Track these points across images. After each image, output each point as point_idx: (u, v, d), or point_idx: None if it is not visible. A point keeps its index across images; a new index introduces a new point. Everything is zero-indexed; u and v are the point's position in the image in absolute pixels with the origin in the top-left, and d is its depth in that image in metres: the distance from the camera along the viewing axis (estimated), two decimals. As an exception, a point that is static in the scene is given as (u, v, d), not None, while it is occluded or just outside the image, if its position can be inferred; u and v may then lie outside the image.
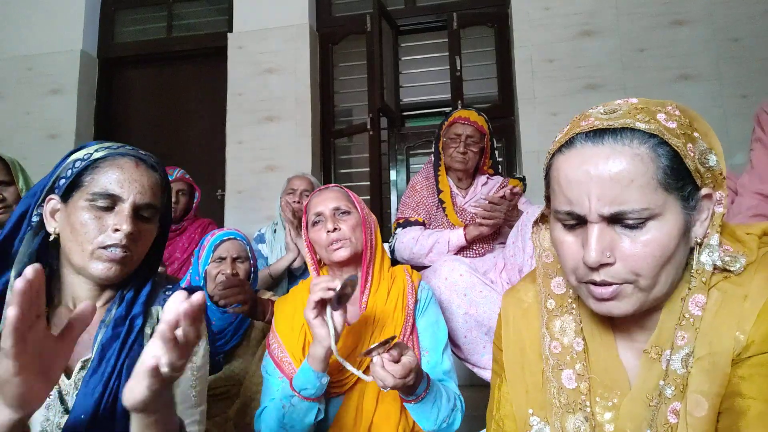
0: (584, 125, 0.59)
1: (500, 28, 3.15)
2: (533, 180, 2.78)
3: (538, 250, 0.73)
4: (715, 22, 2.67)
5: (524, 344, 0.72)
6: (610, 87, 2.75)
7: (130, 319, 0.81)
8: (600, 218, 0.56)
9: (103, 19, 3.65)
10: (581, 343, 0.66)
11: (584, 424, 0.63)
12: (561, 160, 0.60)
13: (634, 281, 0.57)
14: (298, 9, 3.22)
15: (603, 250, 0.56)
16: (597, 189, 0.56)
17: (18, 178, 1.74)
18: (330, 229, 1.15)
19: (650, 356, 0.61)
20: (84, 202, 0.78)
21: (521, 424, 0.69)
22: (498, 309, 1.45)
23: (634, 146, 0.55)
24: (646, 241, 0.55)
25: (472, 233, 1.70)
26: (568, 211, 0.59)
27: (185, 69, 3.57)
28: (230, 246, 1.57)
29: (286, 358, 1.11)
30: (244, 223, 2.99)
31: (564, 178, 0.59)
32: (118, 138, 3.50)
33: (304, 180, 2.15)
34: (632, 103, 0.60)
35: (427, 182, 1.93)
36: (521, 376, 0.70)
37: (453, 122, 1.89)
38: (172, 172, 2.25)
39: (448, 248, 1.73)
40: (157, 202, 0.84)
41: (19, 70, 3.44)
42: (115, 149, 0.82)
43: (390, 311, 1.15)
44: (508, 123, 3.09)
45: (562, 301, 0.69)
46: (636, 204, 0.55)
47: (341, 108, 3.46)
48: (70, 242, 0.78)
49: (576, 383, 0.65)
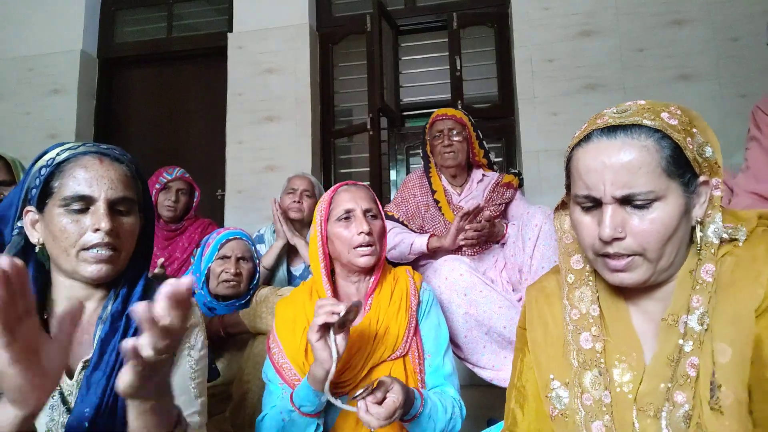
0: (600, 123, 0.70)
1: (500, 28, 3.15)
2: (533, 180, 2.79)
3: (559, 233, 0.84)
4: (714, 22, 2.68)
5: (547, 321, 0.82)
6: (610, 87, 2.75)
7: (127, 315, 0.81)
8: (613, 200, 0.67)
9: (103, 19, 3.65)
10: (597, 309, 0.76)
11: (599, 379, 0.72)
12: (580, 153, 0.71)
13: (642, 253, 0.67)
14: (298, 9, 3.22)
15: (616, 227, 0.67)
16: (611, 175, 0.66)
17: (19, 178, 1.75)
18: (365, 230, 1.11)
19: (667, 323, 0.69)
20: (59, 209, 0.78)
21: (542, 387, 0.78)
22: (497, 308, 1.46)
23: (642, 139, 0.66)
24: (652, 219, 0.66)
25: (433, 244, 1.72)
26: (586, 195, 0.70)
27: (185, 69, 3.57)
28: (235, 245, 1.58)
29: (287, 364, 1.10)
30: (244, 223, 2.99)
31: (583, 166, 0.70)
32: (118, 138, 3.51)
33: (305, 180, 2.15)
34: (641, 104, 0.70)
35: (420, 182, 1.94)
36: (544, 348, 0.80)
37: (433, 122, 1.96)
38: (172, 172, 2.25)
39: (410, 251, 1.75)
40: (130, 193, 0.83)
41: (20, 71, 3.44)
42: (75, 149, 0.82)
43: (394, 313, 1.14)
44: (508, 123, 3.09)
45: (580, 275, 0.80)
46: (643, 187, 0.65)
47: (341, 108, 3.46)
48: (55, 249, 0.79)
49: (592, 344, 0.74)
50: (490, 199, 1.88)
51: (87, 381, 0.76)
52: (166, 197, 2.21)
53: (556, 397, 0.76)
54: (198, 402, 0.86)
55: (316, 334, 0.94)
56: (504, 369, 1.48)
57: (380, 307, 1.14)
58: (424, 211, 1.90)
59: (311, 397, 0.98)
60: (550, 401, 0.76)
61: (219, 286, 1.54)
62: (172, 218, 2.24)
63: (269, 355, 1.14)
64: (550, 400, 0.76)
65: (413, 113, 3.84)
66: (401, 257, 1.77)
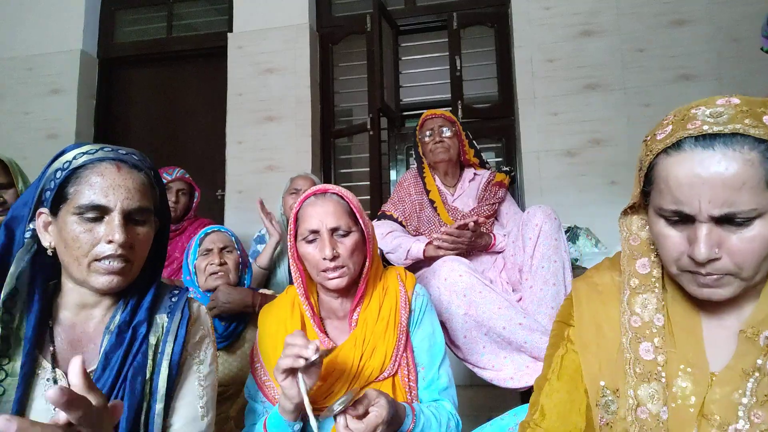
0: (692, 128, 0.62)
1: (500, 28, 3.15)
2: (533, 180, 2.79)
3: (624, 233, 0.79)
4: (715, 22, 2.67)
5: (600, 322, 0.77)
6: (611, 87, 2.75)
7: (134, 327, 0.80)
8: (710, 218, 0.61)
9: (103, 19, 3.65)
10: (661, 319, 0.71)
11: (658, 393, 0.68)
12: (669, 162, 0.63)
13: (736, 273, 0.62)
14: (298, 9, 3.22)
15: (712, 247, 0.61)
16: (708, 192, 0.59)
17: (17, 180, 1.74)
18: (328, 255, 1.00)
19: (746, 335, 0.65)
20: (72, 216, 0.76)
21: (593, 394, 0.74)
22: (497, 309, 1.46)
23: (745, 152, 0.59)
24: (751, 237, 0.60)
25: (430, 252, 1.71)
26: (676, 210, 0.63)
27: (185, 69, 3.57)
28: (215, 237, 1.58)
29: (269, 382, 1.05)
30: (244, 223, 2.99)
31: (674, 180, 0.62)
32: (118, 138, 3.51)
33: (308, 180, 2.15)
34: (735, 104, 0.62)
35: (415, 180, 1.95)
36: (595, 351, 0.75)
37: (423, 122, 1.98)
38: (172, 172, 2.25)
39: (406, 257, 1.75)
40: (147, 203, 0.81)
41: (19, 71, 3.44)
42: (93, 153, 0.79)
43: (381, 331, 1.05)
44: (508, 123, 3.09)
45: (646, 281, 0.74)
46: (745, 206, 0.59)
47: (341, 108, 3.46)
48: (66, 257, 0.77)
49: (653, 355, 0.69)
50: (483, 198, 1.88)
51: None
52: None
53: (604, 405, 0.72)
54: (204, 422, 0.84)
55: (282, 374, 0.86)
56: (504, 369, 1.48)
57: (367, 325, 1.05)
58: (419, 210, 1.90)
59: (284, 427, 0.93)
60: (600, 410, 0.72)
61: (207, 280, 1.54)
62: (172, 218, 2.24)
63: (252, 371, 1.08)
64: (599, 409, 0.72)
65: (413, 113, 3.84)
66: (398, 262, 1.77)
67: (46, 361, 0.77)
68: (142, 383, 0.77)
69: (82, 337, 0.81)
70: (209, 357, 0.88)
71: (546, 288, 1.52)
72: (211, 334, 0.91)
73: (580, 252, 2.30)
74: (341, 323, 1.10)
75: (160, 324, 0.83)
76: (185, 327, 0.84)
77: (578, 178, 2.73)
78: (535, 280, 1.54)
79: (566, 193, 2.72)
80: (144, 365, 0.78)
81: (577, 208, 2.63)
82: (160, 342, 0.81)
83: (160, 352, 0.81)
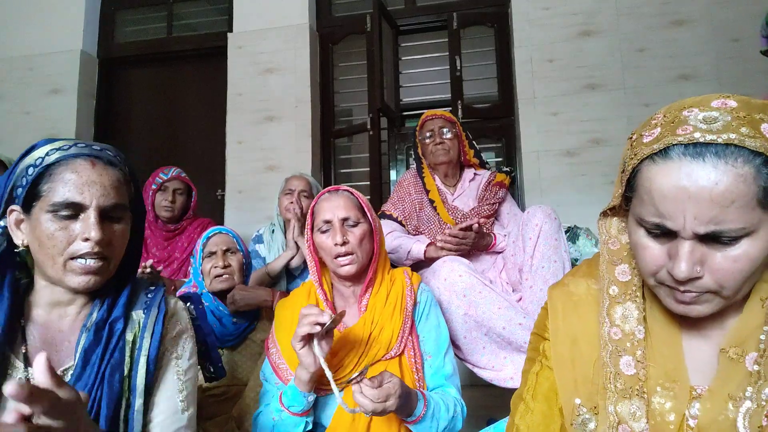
0: (681, 134, 0.56)
1: (500, 28, 3.15)
2: (533, 180, 2.79)
3: (604, 236, 0.74)
4: (714, 22, 2.68)
5: (576, 336, 0.72)
6: (610, 87, 2.75)
7: (111, 323, 0.79)
8: (694, 236, 0.56)
9: (103, 19, 3.65)
10: (642, 330, 0.67)
11: (640, 410, 0.64)
12: (654, 171, 0.58)
13: (717, 291, 0.58)
14: (298, 9, 3.22)
15: (694, 266, 0.57)
16: (694, 208, 0.55)
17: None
18: (339, 241, 1.15)
19: (728, 356, 0.61)
20: (46, 214, 0.74)
21: (568, 413, 0.70)
22: (497, 309, 1.46)
23: (738, 166, 0.53)
24: (736, 256, 0.55)
25: (431, 253, 1.71)
26: (657, 224, 0.58)
27: (185, 69, 3.57)
28: (218, 240, 1.59)
29: (283, 365, 1.13)
30: (244, 223, 2.99)
31: (657, 191, 0.57)
32: (118, 138, 3.51)
33: (302, 180, 2.14)
34: (732, 107, 0.56)
35: (415, 180, 1.95)
36: (570, 368, 0.71)
37: (423, 123, 1.98)
38: (168, 172, 2.24)
39: (407, 257, 1.75)
40: (122, 199, 0.80)
41: (20, 70, 3.44)
42: (66, 149, 0.77)
43: (389, 313, 1.16)
44: (508, 123, 3.09)
45: (626, 289, 0.69)
46: (734, 224, 0.54)
47: (341, 108, 3.46)
48: (41, 255, 0.75)
49: (635, 370, 0.65)
50: (483, 198, 1.88)
51: None
52: (163, 197, 2.21)
53: (581, 424, 0.68)
54: (185, 416, 0.83)
55: (300, 342, 0.97)
56: (504, 369, 1.48)
57: (375, 308, 1.17)
58: (419, 210, 1.90)
59: (299, 398, 1.02)
60: (576, 429, 0.69)
61: (212, 283, 1.54)
62: (170, 218, 2.24)
63: (267, 355, 1.17)
64: (575, 428, 0.69)
65: (413, 113, 3.84)
66: (398, 262, 1.77)
67: (18, 361, 0.75)
68: (120, 380, 0.77)
69: (57, 335, 0.80)
70: (188, 351, 0.87)
71: (546, 288, 1.52)
72: (189, 329, 0.90)
73: (580, 252, 2.30)
74: (351, 309, 1.21)
75: (137, 320, 0.83)
76: (161, 323, 0.84)
77: (578, 178, 2.73)
78: (535, 280, 1.54)
79: (566, 193, 2.72)
80: (122, 362, 0.78)
81: (577, 208, 2.63)
82: (137, 338, 0.81)
83: (138, 348, 0.80)
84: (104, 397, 0.75)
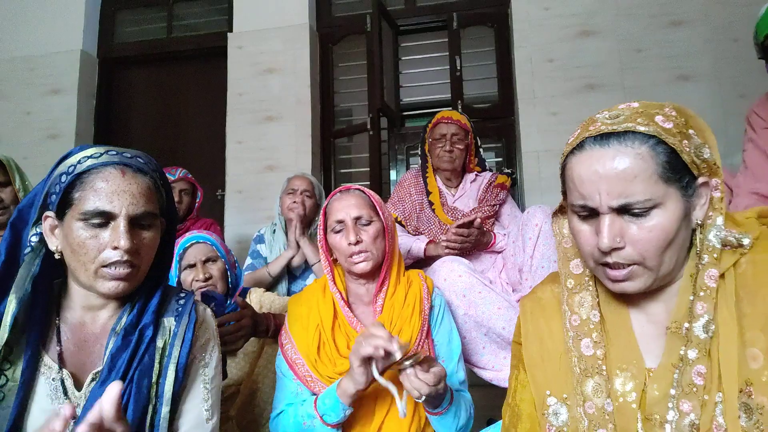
0: (592, 130, 0.68)
1: (500, 28, 3.15)
2: (533, 180, 2.79)
3: (558, 237, 0.83)
4: (713, 23, 2.68)
5: (543, 335, 0.79)
6: (609, 87, 2.75)
7: (140, 329, 0.80)
8: (610, 209, 0.65)
9: (103, 19, 3.65)
10: (597, 314, 0.75)
11: (601, 386, 0.71)
12: (573, 162, 0.69)
13: (641, 262, 0.66)
14: (298, 9, 3.22)
15: (614, 237, 0.65)
16: (605, 185, 0.65)
17: (14, 179, 1.74)
18: (352, 241, 1.14)
19: (671, 330, 0.68)
20: (78, 222, 0.76)
21: (539, 405, 0.76)
22: (496, 309, 1.46)
23: (636, 146, 0.64)
24: (650, 227, 0.64)
25: (431, 251, 1.72)
26: (582, 205, 0.68)
27: (185, 69, 3.57)
28: (195, 251, 1.48)
29: (299, 360, 1.12)
30: (244, 223, 3.00)
31: (577, 176, 0.68)
32: (118, 138, 3.51)
33: (304, 180, 2.15)
34: (633, 107, 0.68)
35: (415, 180, 1.95)
36: (540, 363, 0.78)
37: (437, 123, 1.93)
38: (175, 172, 2.26)
39: (407, 256, 1.75)
40: (152, 207, 0.81)
41: (20, 71, 3.44)
42: (98, 158, 0.78)
43: (407, 316, 1.15)
44: (508, 123, 3.10)
45: (580, 280, 0.78)
46: (640, 196, 0.63)
47: (341, 108, 3.46)
48: (73, 261, 0.77)
49: (593, 350, 0.73)
50: (483, 199, 1.88)
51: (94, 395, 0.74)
52: (169, 198, 2.22)
53: (553, 414, 0.73)
54: (209, 425, 0.84)
55: (358, 360, 0.94)
56: (504, 369, 1.48)
57: (394, 309, 1.16)
58: (419, 210, 1.90)
59: (337, 410, 1.00)
60: (547, 419, 0.74)
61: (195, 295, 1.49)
62: (175, 218, 2.25)
63: (281, 350, 1.16)
64: (546, 418, 0.74)
65: (413, 113, 3.84)
66: None
67: (52, 361, 0.77)
68: (148, 386, 0.78)
69: (89, 337, 0.81)
70: (214, 360, 0.88)
71: (546, 288, 1.53)
72: (215, 337, 0.91)
73: (580, 252, 2.30)
74: (366, 308, 1.21)
75: (168, 327, 0.83)
76: (192, 330, 0.84)
77: (578, 178, 2.73)
78: (535, 280, 1.55)
79: (566, 193, 2.72)
80: (150, 368, 0.79)
81: (576, 208, 2.63)
82: (167, 345, 0.82)
83: (168, 355, 0.81)
84: (131, 403, 0.75)
